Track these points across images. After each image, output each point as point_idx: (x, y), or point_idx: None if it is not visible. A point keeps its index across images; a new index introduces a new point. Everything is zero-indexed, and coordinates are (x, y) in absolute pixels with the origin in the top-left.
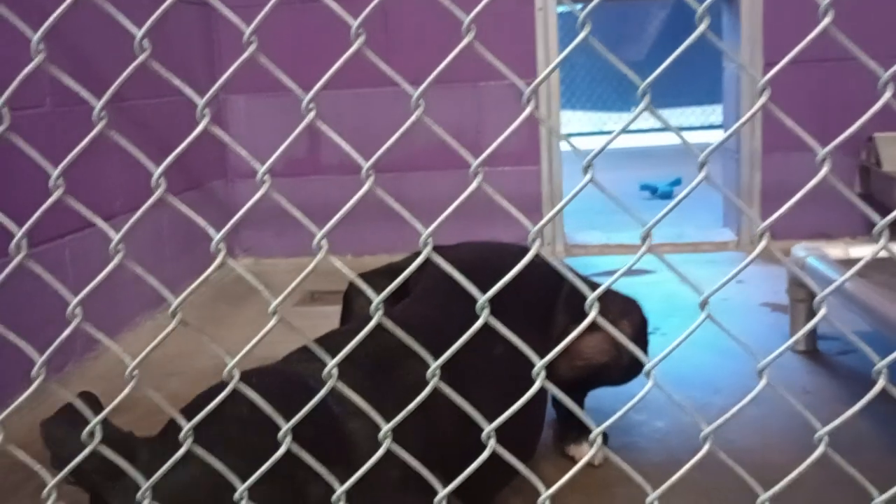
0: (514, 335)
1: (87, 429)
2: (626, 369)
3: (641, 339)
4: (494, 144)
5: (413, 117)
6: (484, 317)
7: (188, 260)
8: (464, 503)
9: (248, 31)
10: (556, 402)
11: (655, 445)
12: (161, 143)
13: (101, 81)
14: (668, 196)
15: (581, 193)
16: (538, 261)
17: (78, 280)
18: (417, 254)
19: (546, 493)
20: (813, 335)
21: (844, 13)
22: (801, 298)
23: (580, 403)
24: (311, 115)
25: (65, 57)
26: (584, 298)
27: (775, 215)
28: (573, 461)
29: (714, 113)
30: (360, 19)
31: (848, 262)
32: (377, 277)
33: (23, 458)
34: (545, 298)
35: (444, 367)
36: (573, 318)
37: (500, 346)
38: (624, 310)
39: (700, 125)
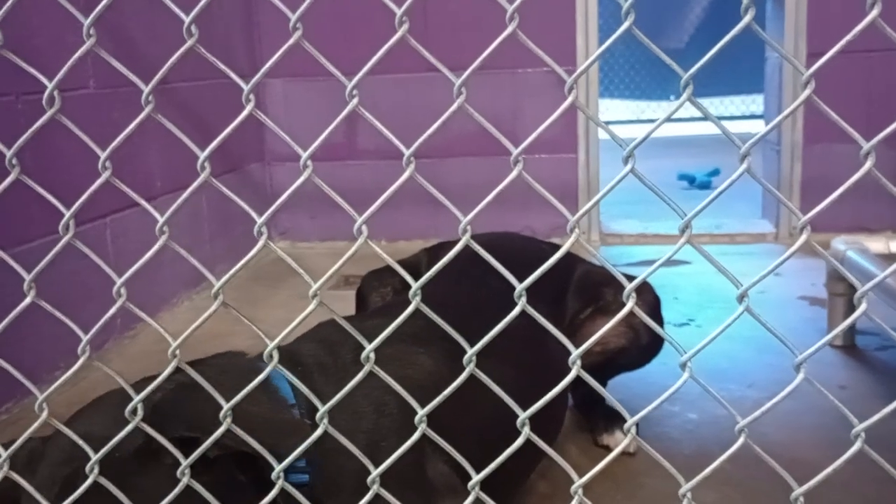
0: (541, 320)
1: (130, 407)
2: (644, 349)
3: (656, 317)
4: (536, 133)
5: (454, 105)
6: (521, 305)
7: (226, 241)
8: (491, 489)
9: (294, 17)
10: (574, 389)
11: (687, 437)
12: (201, 125)
13: (145, 63)
14: (705, 186)
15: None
16: (548, 246)
17: (118, 259)
18: (426, 250)
19: (579, 482)
20: (851, 330)
21: (893, 2)
22: (840, 293)
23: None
24: (354, 101)
25: (110, 39)
26: (594, 283)
27: (816, 209)
28: (606, 450)
29: (754, 102)
30: (404, 7)
31: (889, 257)
32: (387, 274)
33: (64, 430)
34: (557, 282)
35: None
36: (585, 303)
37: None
38: (636, 290)
39: (740, 115)
